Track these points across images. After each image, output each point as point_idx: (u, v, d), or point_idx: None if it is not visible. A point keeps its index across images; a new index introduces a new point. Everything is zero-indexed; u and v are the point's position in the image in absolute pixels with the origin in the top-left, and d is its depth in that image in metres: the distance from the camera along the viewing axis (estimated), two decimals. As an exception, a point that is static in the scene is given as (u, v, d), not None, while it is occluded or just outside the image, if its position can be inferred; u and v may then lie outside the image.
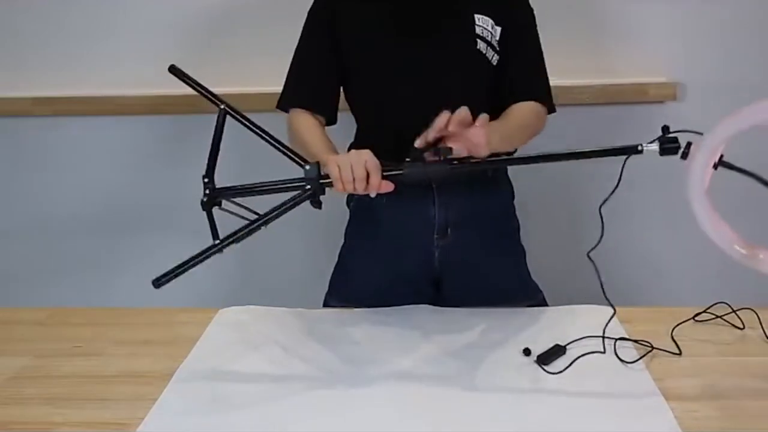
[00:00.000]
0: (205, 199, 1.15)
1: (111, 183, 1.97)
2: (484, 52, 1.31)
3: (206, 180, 1.16)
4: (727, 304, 1.28)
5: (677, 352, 1.17)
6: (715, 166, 1.01)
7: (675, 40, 1.78)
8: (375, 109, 1.37)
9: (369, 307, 1.35)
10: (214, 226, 1.16)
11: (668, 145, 1.06)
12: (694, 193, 0.99)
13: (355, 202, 1.45)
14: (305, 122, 1.34)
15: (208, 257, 1.14)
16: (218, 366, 1.18)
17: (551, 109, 1.38)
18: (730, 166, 1.00)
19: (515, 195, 1.47)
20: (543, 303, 1.42)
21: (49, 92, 1.87)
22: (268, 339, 1.27)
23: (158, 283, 1.12)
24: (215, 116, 1.78)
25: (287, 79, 1.39)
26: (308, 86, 1.37)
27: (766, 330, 1.22)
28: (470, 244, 1.38)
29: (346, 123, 1.43)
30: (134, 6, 1.82)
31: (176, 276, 1.12)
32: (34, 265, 2.05)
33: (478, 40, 1.31)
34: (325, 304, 1.46)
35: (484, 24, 1.31)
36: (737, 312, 1.27)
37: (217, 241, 1.14)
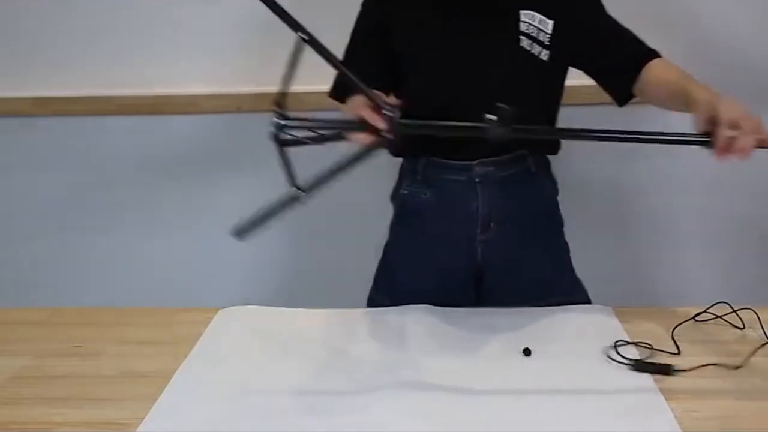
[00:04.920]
0: (274, 131, 1.04)
1: (111, 183, 1.97)
2: (528, 49, 1.29)
3: (277, 109, 1.05)
4: (727, 303, 1.28)
5: (677, 352, 1.17)
6: None
7: (675, 39, 1.77)
8: (422, 105, 1.36)
9: (415, 302, 1.35)
10: (289, 165, 1.05)
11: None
12: None
13: (401, 197, 1.45)
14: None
15: (288, 207, 1.04)
16: (218, 366, 1.18)
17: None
18: None
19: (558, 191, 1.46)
20: (587, 301, 1.41)
21: (49, 92, 1.87)
22: (268, 339, 1.27)
23: (240, 234, 1.04)
24: (215, 116, 1.79)
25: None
26: (365, 73, 1.36)
27: (766, 330, 1.22)
28: (513, 239, 1.37)
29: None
30: (134, 6, 1.81)
31: (256, 227, 1.03)
32: (34, 265, 2.05)
33: (522, 37, 1.28)
34: (371, 300, 1.46)
35: (530, 20, 1.29)
36: (737, 312, 1.27)
37: (300, 190, 1.03)
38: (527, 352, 1.18)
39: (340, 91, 1.35)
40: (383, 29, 1.34)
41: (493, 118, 1.01)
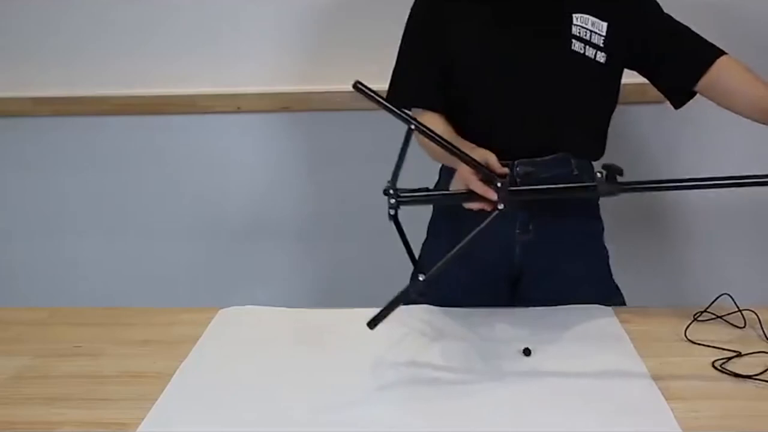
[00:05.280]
0: (392, 212, 1.09)
1: (111, 183, 1.97)
2: (581, 51, 1.28)
3: (391, 190, 1.08)
4: (729, 295, 1.27)
5: (678, 351, 1.17)
6: None
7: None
8: (475, 109, 1.35)
9: (450, 302, 1.34)
10: (406, 239, 1.12)
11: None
12: None
13: None
14: (436, 125, 1.31)
15: (413, 293, 1.09)
16: (218, 366, 1.18)
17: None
18: None
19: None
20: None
21: (49, 92, 1.87)
22: (268, 339, 1.26)
23: (373, 325, 1.07)
24: (215, 116, 1.79)
25: (397, 77, 1.37)
26: (426, 85, 1.35)
27: (766, 330, 1.22)
28: (553, 241, 1.36)
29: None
30: (134, 6, 1.81)
31: (387, 315, 1.06)
32: (35, 265, 2.05)
33: (574, 41, 1.27)
34: (409, 300, 1.45)
35: (582, 23, 1.28)
36: (737, 312, 1.27)
37: (420, 277, 1.09)
38: (527, 352, 1.18)
39: (408, 101, 1.34)
40: (437, 39, 1.32)
41: (600, 174, 1.05)
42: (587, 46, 1.28)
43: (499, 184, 1.09)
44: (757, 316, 1.26)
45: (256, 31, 1.81)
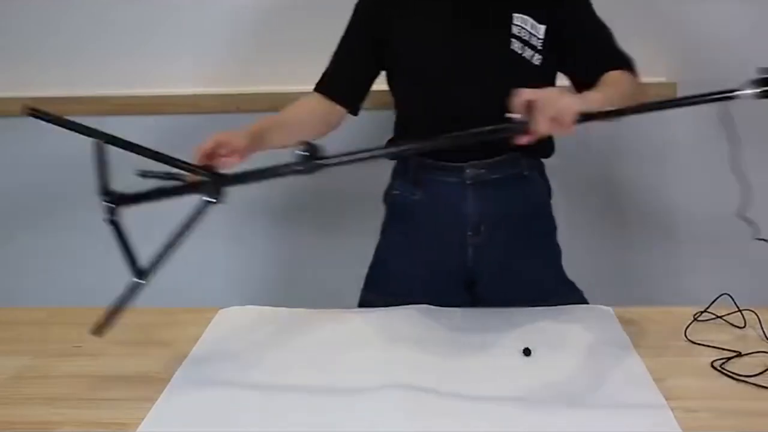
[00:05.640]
0: (109, 216, 1.14)
1: (111, 183, 1.96)
2: (519, 52, 1.29)
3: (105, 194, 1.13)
4: (729, 296, 1.28)
5: (678, 351, 1.17)
6: None
7: (675, 40, 1.78)
8: (415, 105, 1.38)
9: (406, 304, 1.35)
10: (125, 242, 1.14)
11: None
12: None
13: (392, 197, 1.45)
14: (298, 103, 1.38)
15: (135, 294, 1.11)
16: (218, 366, 1.18)
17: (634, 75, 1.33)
18: None
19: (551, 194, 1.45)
20: (583, 302, 1.41)
21: (49, 92, 1.87)
22: (268, 339, 1.26)
23: (98, 332, 1.09)
24: (215, 116, 1.80)
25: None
26: (335, 75, 1.40)
27: (766, 330, 1.22)
28: (504, 242, 1.37)
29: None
30: (133, 6, 1.81)
31: (111, 321, 1.08)
32: (35, 264, 2.05)
33: (513, 40, 1.28)
34: (363, 300, 1.46)
35: (522, 23, 1.29)
36: (737, 312, 1.27)
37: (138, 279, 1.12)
38: (527, 352, 1.18)
39: (316, 87, 1.40)
40: (377, 32, 1.36)
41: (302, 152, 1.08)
42: (526, 47, 1.29)
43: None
44: (757, 316, 1.26)
45: (256, 31, 1.81)
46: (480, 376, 1.13)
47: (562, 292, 1.40)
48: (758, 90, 0.99)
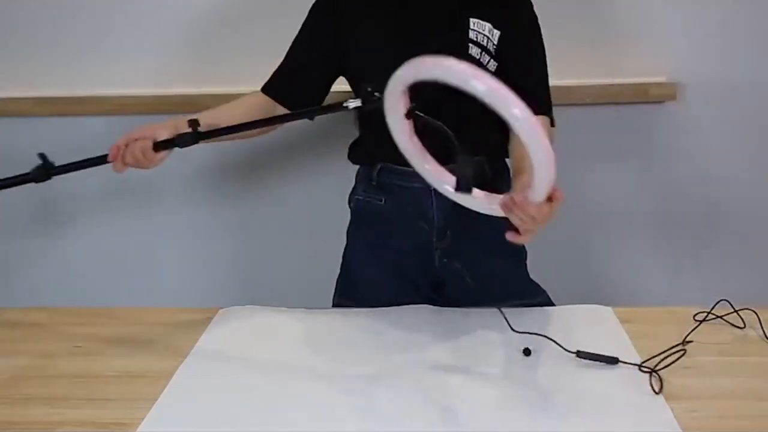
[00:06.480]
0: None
1: (111, 182, 1.97)
2: (477, 57, 1.29)
3: None
4: (727, 301, 1.28)
5: (677, 351, 1.17)
6: (408, 116, 1.06)
7: (675, 40, 1.78)
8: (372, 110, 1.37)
9: (378, 307, 1.35)
10: None
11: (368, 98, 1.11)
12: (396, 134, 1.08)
13: (356, 202, 1.45)
14: (238, 100, 1.38)
15: None
16: (218, 366, 1.18)
17: (552, 124, 1.35)
18: (420, 116, 1.07)
19: None
20: (549, 303, 1.41)
21: (49, 92, 1.87)
22: (268, 339, 1.27)
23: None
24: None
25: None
26: (281, 77, 1.40)
27: (766, 330, 1.22)
28: (470, 247, 1.37)
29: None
30: (133, 6, 1.81)
31: None
32: (34, 265, 2.05)
33: (471, 45, 1.28)
34: (336, 305, 1.46)
35: (479, 29, 1.29)
36: (738, 312, 1.27)
37: None
38: (527, 352, 1.18)
39: (271, 87, 1.40)
40: (329, 36, 1.35)
41: None
42: (483, 53, 1.29)
43: None
44: (758, 316, 1.26)
45: (256, 31, 1.81)
46: (480, 376, 1.13)
47: (527, 293, 1.40)
48: (359, 103, 1.13)
